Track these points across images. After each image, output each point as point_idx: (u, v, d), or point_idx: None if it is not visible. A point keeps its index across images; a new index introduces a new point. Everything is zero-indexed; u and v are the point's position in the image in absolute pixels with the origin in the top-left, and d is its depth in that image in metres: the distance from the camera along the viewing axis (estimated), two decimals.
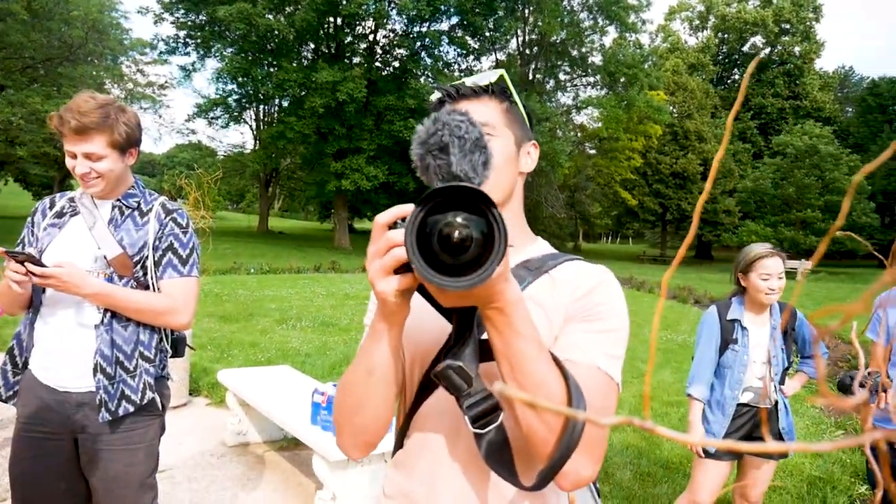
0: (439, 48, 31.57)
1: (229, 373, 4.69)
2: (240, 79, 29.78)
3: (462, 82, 1.15)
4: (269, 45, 29.93)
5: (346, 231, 31.59)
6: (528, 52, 35.27)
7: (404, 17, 30.13)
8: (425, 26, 30.86)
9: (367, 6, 27.15)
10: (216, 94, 32.70)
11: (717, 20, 49.12)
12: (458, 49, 31.95)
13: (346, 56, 30.72)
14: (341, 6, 26.37)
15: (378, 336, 0.95)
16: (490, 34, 31.59)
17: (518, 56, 34.97)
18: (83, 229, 2.07)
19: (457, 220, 0.76)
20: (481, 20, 29.99)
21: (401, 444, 1.18)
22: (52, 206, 2.17)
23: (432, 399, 1.10)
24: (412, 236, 0.76)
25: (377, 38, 31.62)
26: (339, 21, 29.23)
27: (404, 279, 0.85)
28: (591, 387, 0.97)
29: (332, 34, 29.91)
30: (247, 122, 37.17)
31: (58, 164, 31.09)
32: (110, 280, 2.03)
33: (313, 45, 31.21)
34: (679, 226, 46.39)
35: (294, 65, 28.76)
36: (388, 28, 31.60)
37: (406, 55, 31.21)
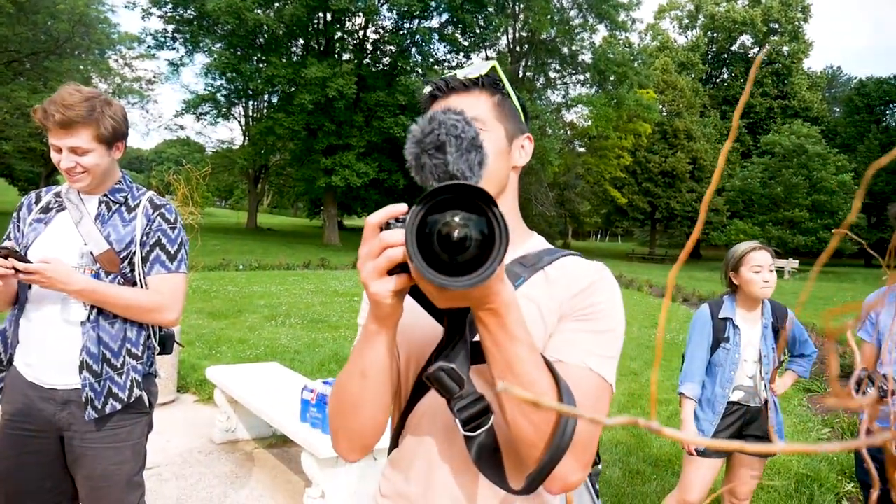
0: (429, 45, 31.54)
1: (218, 370, 4.66)
2: (228, 74, 29.61)
3: (453, 75, 1.12)
4: (258, 41, 29.78)
5: (336, 228, 31.50)
6: (519, 49, 35.29)
7: (395, 13, 30.08)
8: (415, 23, 30.81)
9: (357, 2, 27.06)
10: (205, 89, 32.53)
11: (706, 19, 49.44)
12: (448, 46, 31.93)
13: (336, 52, 30.61)
14: (331, 1, 26.22)
15: (371, 338, 0.93)
16: (480, 31, 31.55)
17: (508, 53, 34.97)
18: (69, 225, 2.03)
19: (455, 219, 0.75)
20: (471, 17, 29.97)
21: (396, 443, 1.16)
22: (37, 200, 2.13)
23: (427, 399, 1.08)
24: (413, 235, 0.74)
25: (367, 35, 31.59)
26: (329, 16, 29.13)
27: (398, 280, 0.83)
28: (582, 389, 0.95)
29: (322, 30, 29.78)
30: (235, 117, 37.04)
31: (44, 159, 30.83)
32: (97, 276, 1.99)
33: (303, 41, 31.08)
34: (668, 224, 46.62)
35: (283, 60, 28.64)
36: (378, 24, 31.55)
37: (396, 52, 31.13)
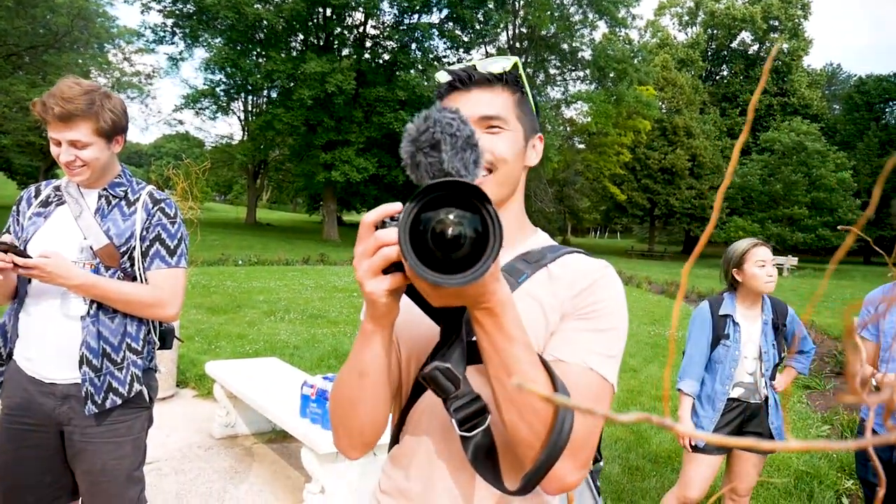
0: (429, 41, 31.46)
1: (217, 364, 4.65)
2: (228, 69, 29.52)
3: (473, 66, 1.09)
4: (257, 36, 29.70)
5: (335, 223, 31.48)
6: (518, 45, 35.22)
7: (395, 8, 29.99)
8: (415, 18, 30.73)
9: None
10: (204, 84, 32.46)
11: (706, 16, 49.33)
12: (448, 42, 31.85)
13: (336, 47, 30.53)
14: None
15: (368, 338, 0.92)
16: (480, 27, 31.49)
17: (508, 49, 34.93)
18: (69, 219, 2.02)
19: (449, 216, 0.74)
20: (471, 13, 29.90)
21: (397, 440, 1.15)
22: (37, 194, 2.12)
23: (427, 397, 1.07)
24: (406, 233, 0.74)
25: (367, 30, 31.49)
26: (329, 11, 29.07)
27: (394, 279, 0.83)
28: (582, 388, 0.95)
29: (322, 24, 29.70)
30: (235, 112, 36.98)
31: (43, 153, 30.75)
32: (96, 271, 1.98)
33: (302, 36, 30.99)
34: (667, 221, 46.63)
35: (283, 55, 28.54)
36: (378, 19, 31.45)
37: (396, 47, 31.06)
